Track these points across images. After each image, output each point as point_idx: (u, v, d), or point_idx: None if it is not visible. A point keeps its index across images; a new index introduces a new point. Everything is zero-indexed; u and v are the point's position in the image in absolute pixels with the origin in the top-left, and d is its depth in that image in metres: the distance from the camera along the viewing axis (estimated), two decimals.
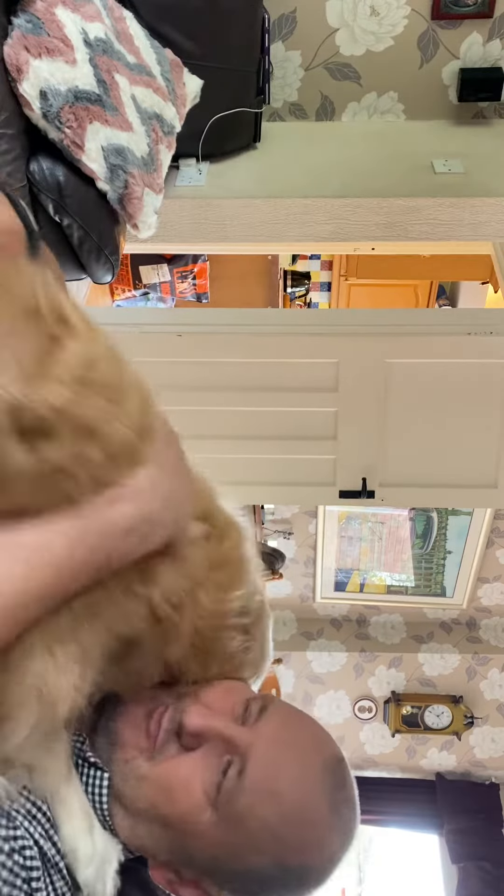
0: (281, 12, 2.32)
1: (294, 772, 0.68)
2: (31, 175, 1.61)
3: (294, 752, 0.70)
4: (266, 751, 0.68)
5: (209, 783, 0.67)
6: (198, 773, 0.68)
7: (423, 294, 4.42)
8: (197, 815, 0.67)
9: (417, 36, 2.36)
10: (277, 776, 0.68)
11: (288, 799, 0.67)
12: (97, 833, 0.68)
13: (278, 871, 0.67)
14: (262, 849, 0.66)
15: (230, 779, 0.67)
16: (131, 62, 1.73)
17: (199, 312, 3.09)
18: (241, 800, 0.66)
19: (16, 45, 1.49)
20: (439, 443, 2.74)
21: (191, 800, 0.67)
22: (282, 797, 0.67)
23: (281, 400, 2.67)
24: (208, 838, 0.67)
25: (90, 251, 1.73)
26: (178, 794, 0.68)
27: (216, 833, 0.67)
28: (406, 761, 4.37)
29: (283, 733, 0.71)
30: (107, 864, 0.67)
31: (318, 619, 4.33)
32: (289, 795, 0.67)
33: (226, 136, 2.30)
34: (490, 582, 4.10)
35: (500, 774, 4.32)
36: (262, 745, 0.69)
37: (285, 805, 0.67)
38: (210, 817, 0.67)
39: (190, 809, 0.67)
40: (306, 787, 0.68)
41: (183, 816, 0.67)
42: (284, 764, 0.68)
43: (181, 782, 0.68)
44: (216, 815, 0.66)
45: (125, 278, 3.69)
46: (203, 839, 0.67)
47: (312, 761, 0.70)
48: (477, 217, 2.25)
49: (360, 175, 2.31)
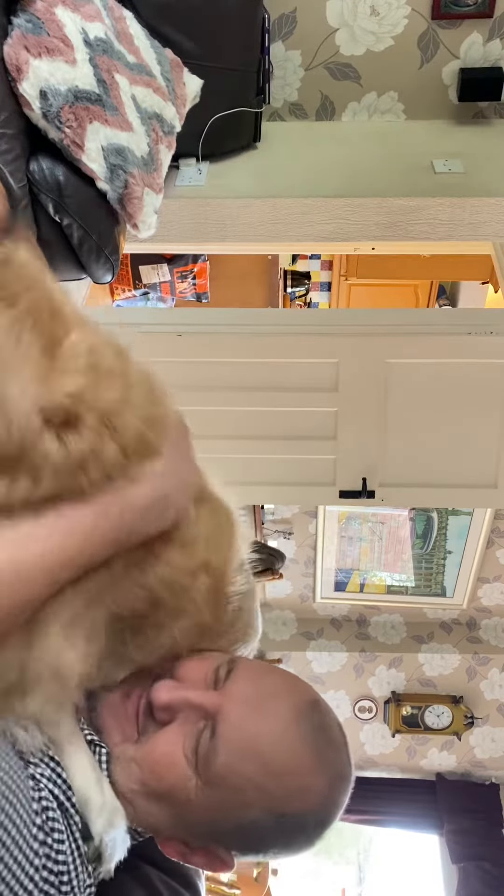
0: (281, 12, 2.32)
1: (266, 724, 0.70)
2: (31, 175, 1.61)
3: (264, 705, 0.71)
4: (236, 709, 0.70)
5: (189, 750, 0.69)
6: (177, 744, 0.70)
7: (423, 294, 4.42)
8: (184, 783, 0.69)
9: (417, 36, 2.36)
10: (250, 731, 0.69)
11: (264, 751, 0.69)
12: (105, 786, 0.70)
13: (273, 822, 0.69)
14: (251, 804, 0.68)
15: (204, 742, 0.69)
16: (131, 62, 1.73)
17: (199, 312, 3.09)
18: (217, 760, 0.68)
19: (16, 44, 1.49)
20: (439, 443, 2.74)
21: (175, 771, 0.69)
22: (258, 750, 0.68)
23: (281, 400, 2.67)
24: (199, 803, 0.69)
25: (90, 251, 1.72)
26: (163, 767, 0.70)
27: (205, 797, 0.69)
28: (406, 761, 4.37)
29: (252, 689, 0.73)
30: (116, 815, 0.69)
31: (318, 619, 4.32)
32: (265, 748, 0.69)
33: (226, 136, 2.30)
34: (490, 582, 4.10)
35: (500, 774, 4.32)
36: (232, 705, 0.70)
37: (263, 758, 0.68)
38: (196, 783, 0.69)
39: (177, 780, 0.69)
40: (281, 736, 0.69)
41: (172, 788, 0.69)
42: (255, 718, 0.70)
43: (163, 756, 0.70)
44: (200, 779, 0.68)
45: (125, 278, 3.69)
46: (195, 805, 0.69)
47: (284, 710, 0.71)
48: (477, 217, 2.25)
49: (360, 175, 2.31)
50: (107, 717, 0.74)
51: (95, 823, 0.67)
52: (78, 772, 0.69)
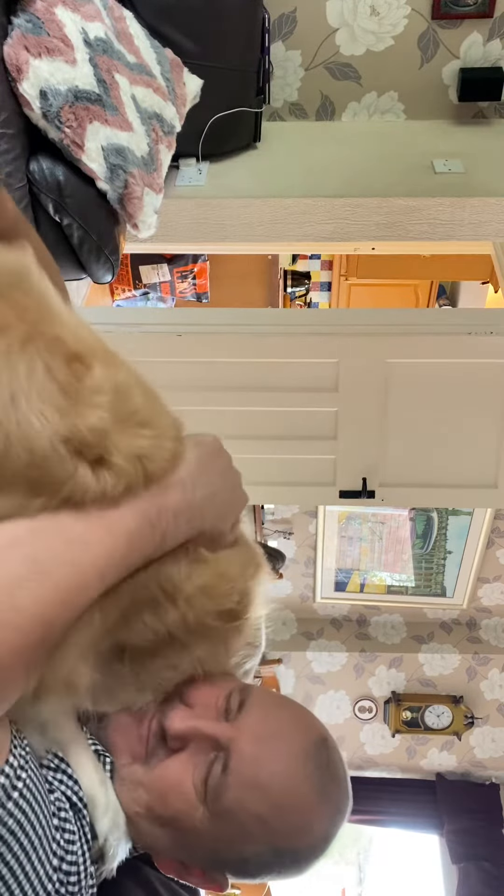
0: (281, 12, 2.32)
1: (276, 762, 0.70)
2: (31, 175, 1.61)
3: (275, 742, 0.72)
4: (248, 744, 0.70)
5: (198, 781, 0.69)
6: (187, 773, 0.70)
7: (423, 294, 4.42)
8: (190, 813, 0.69)
9: (418, 36, 2.36)
10: (260, 768, 0.69)
11: (273, 789, 0.69)
12: (109, 786, 0.70)
13: (273, 856, 0.70)
14: (254, 838, 0.69)
15: (215, 775, 0.69)
16: (131, 62, 1.73)
17: (199, 312, 3.09)
18: (228, 795, 0.68)
19: (16, 44, 1.49)
20: (439, 443, 2.74)
21: (183, 799, 0.69)
22: (267, 788, 0.69)
23: (281, 400, 2.67)
24: (204, 833, 0.69)
25: (90, 251, 1.72)
26: (171, 795, 0.70)
27: (210, 828, 0.69)
28: (406, 761, 4.36)
29: (264, 724, 0.73)
30: (119, 816, 0.70)
31: (318, 619, 4.32)
32: (273, 786, 0.69)
33: (226, 136, 2.30)
34: (490, 582, 4.10)
35: (500, 774, 4.32)
36: (244, 739, 0.71)
37: (271, 795, 0.69)
38: (202, 814, 0.69)
39: (183, 809, 0.69)
40: (290, 775, 0.70)
41: (177, 816, 0.70)
42: (267, 755, 0.70)
43: (172, 784, 0.70)
44: (207, 811, 0.69)
45: (125, 278, 3.69)
46: (199, 834, 0.70)
47: (295, 749, 0.72)
48: (477, 217, 2.25)
49: (360, 175, 2.31)
50: (116, 736, 0.74)
51: (101, 822, 0.68)
52: (84, 772, 0.69)
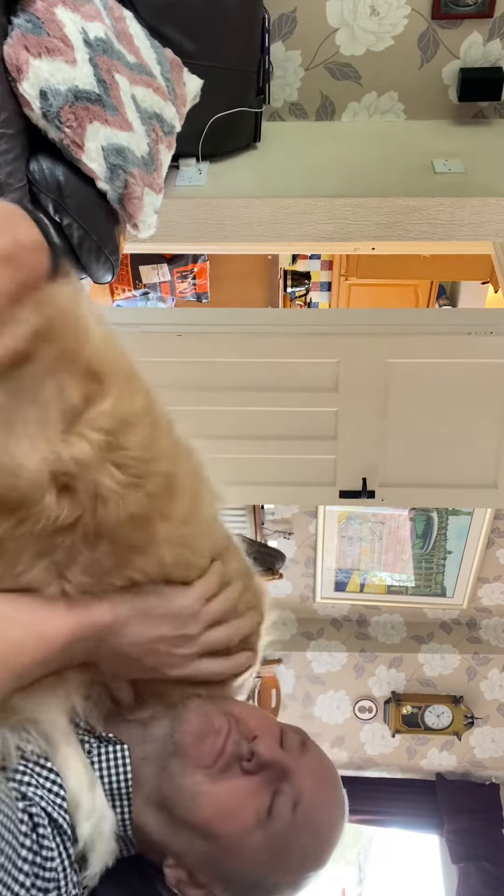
0: (281, 12, 2.32)
1: (330, 808, 0.77)
2: (31, 175, 1.61)
3: (331, 789, 0.78)
4: (313, 786, 0.75)
5: (262, 808, 0.72)
6: (255, 797, 0.72)
7: (423, 294, 4.41)
8: (246, 836, 0.71)
9: (417, 36, 2.36)
10: (320, 812, 0.75)
11: (321, 832, 0.75)
12: (97, 792, 0.70)
13: (287, 887, 0.74)
14: (289, 870, 0.73)
15: (285, 809, 0.72)
16: (131, 62, 1.73)
17: (199, 312, 3.09)
18: (291, 830, 0.72)
19: (16, 44, 1.49)
20: (439, 443, 2.74)
21: (244, 822, 0.71)
22: (318, 830, 0.75)
23: (281, 400, 2.67)
24: (248, 857, 0.72)
25: (90, 251, 1.72)
26: (234, 814, 0.72)
27: (257, 855, 0.72)
28: (406, 761, 4.36)
29: (322, 769, 0.78)
30: (104, 822, 0.69)
31: (318, 619, 4.32)
32: (322, 829, 0.75)
33: (226, 136, 2.30)
34: (490, 582, 4.10)
35: (500, 774, 4.32)
36: (310, 780, 0.75)
37: (319, 837, 0.75)
38: (257, 840, 0.71)
39: (241, 830, 0.71)
40: (335, 822, 0.77)
41: (232, 835, 0.71)
42: (326, 801, 0.76)
43: (238, 804, 0.72)
44: (263, 838, 0.71)
45: (125, 278, 3.69)
46: (243, 858, 0.72)
47: (340, 798, 0.78)
48: (477, 217, 2.25)
49: (360, 175, 2.30)
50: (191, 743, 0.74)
51: (82, 826, 0.67)
52: (71, 774, 0.68)
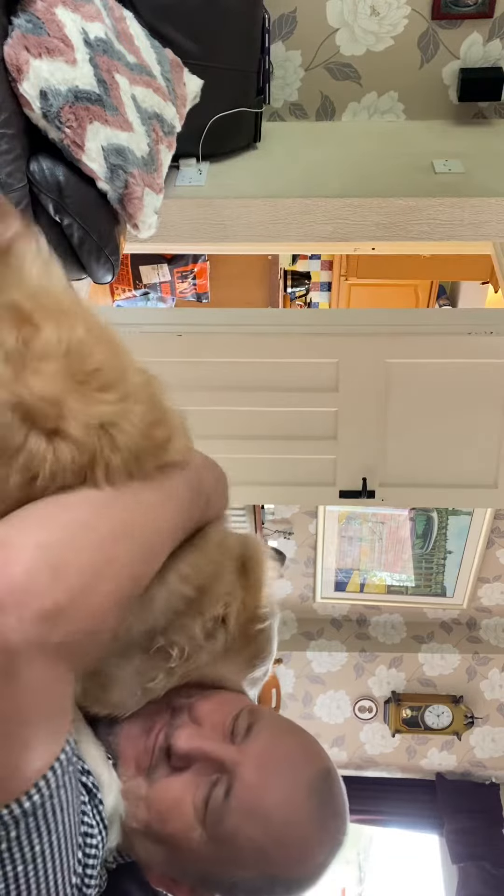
0: (281, 12, 2.32)
1: (280, 793, 0.69)
2: (32, 175, 1.61)
3: (280, 772, 0.71)
4: (253, 771, 0.70)
5: (199, 801, 0.69)
6: (188, 792, 0.70)
7: (423, 294, 4.41)
8: (187, 833, 0.69)
9: (418, 36, 2.36)
10: (264, 797, 0.69)
11: (274, 819, 0.68)
12: (108, 764, 0.70)
13: (265, 884, 0.70)
14: (249, 864, 0.69)
15: (217, 799, 0.68)
16: (131, 62, 1.73)
17: (199, 312, 3.09)
18: (228, 820, 0.68)
19: (16, 44, 1.49)
20: (439, 443, 2.74)
21: (182, 819, 0.69)
22: (268, 817, 0.68)
23: (281, 400, 2.67)
24: (199, 854, 0.69)
25: (90, 251, 1.72)
26: (171, 813, 0.70)
27: (206, 850, 0.69)
28: (406, 761, 4.36)
29: (271, 752, 0.72)
30: (120, 794, 0.70)
31: (318, 619, 4.32)
32: (275, 816, 0.69)
33: (226, 136, 2.30)
34: (490, 582, 4.10)
35: (500, 774, 4.32)
36: (249, 765, 0.70)
37: (272, 825, 0.68)
38: (200, 835, 0.68)
39: (181, 828, 0.69)
40: (293, 806, 0.69)
41: (174, 834, 0.69)
42: (271, 784, 0.70)
43: (173, 802, 0.70)
44: (205, 833, 0.68)
45: (125, 278, 3.69)
46: (194, 855, 0.69)
47: (299, 780, 0.71)
48: (477, 217, 2.25)
49: (360, 175, 2.31)
50: (125, 746, 0.73)
51: (107, 799, 0.67)
52: (87, 752, 0.69)
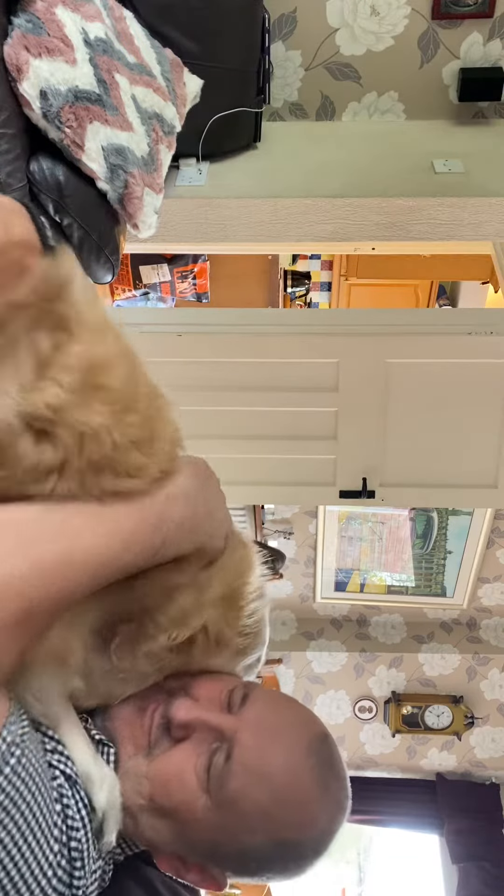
0: (281, 12, 2.32)
1: (280, 753, 0.71)
2: (31, 175, 1.61)
3: (279, 735, 0.73)
4: (251, 735, 0.71)
5: (201, 769, 0.70)
6: (189, 761, 0.71)
7: (423, 294, 4.41)
8: (192, 802, 0.70)
9: (418, 36, 2.36)
10: (264, 759, 0.70)
11: (276, 780, 0.70)
12: (100, 760, 0.71)
13: (274, 849, 0.70)
14: (256, 829, 0.69)
15: (218, 764, 0.69)
16: (131, 62, 1.73)
17: (199, 312, 3.09)
18: (231, 784, 0.69)
19: (16, 44, 1.49)
20: (439, 443, 2.74)
21: (185, 789, 0.70)
22: (270, 778, 0.70)
23: (281, 400, 2.67)
24: (205, 823, 0.70)
25: (90, 251, 1.72)
26: (173, 784, 0.70)
27: (212, 817, 0.69)
28: (406, 761, 4.36)
29: (267, 717, 0.74)
30: (115, 789, 0.70)
31: (318, 619, 4.32)
32: (277, 776, 0.70)
33: (226, 136, 2.30)
34: (490, 582, 4.10)
35: (500, 774, 4.32)
36: (248, 730, 0.71)
37: (274, 786, 0.69)
38: (204, 803, 0.69)
39: (185, 798, 0.70)
40: (293, 767, 0.71)
41: (179, 805, 0.70)
42: (270, 746, 0.71)
43: (175, 773, 0.71)
44: (210, 800, 0.69)
45: (125, 278, 3.69)
46: (200, 825, 0.70)
47: (297, 741, 0.73)
48: (477, 217, 2.25)
49: (361, 175, 2.30)
50: (121, 728, 0.75)
51: (98, 797, 0.68)
52: (76, 749, 0.69)
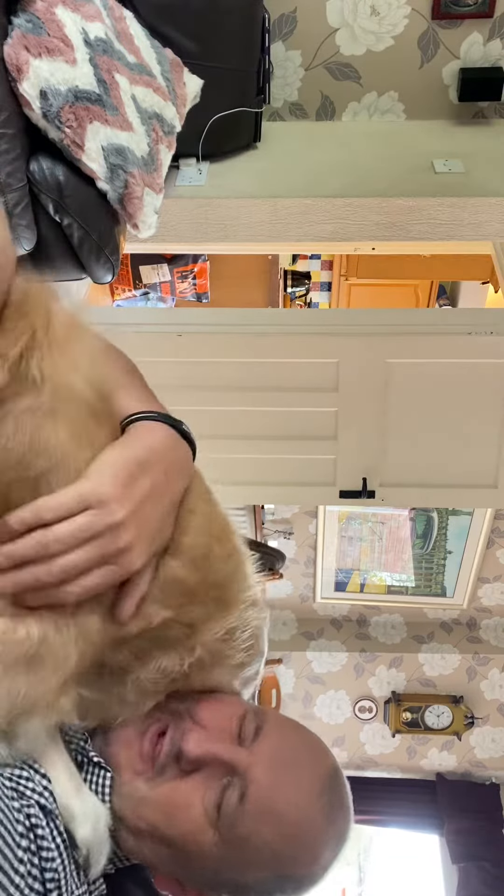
0: (281, 12, 2.32)
1: (294, 793, 0.70)
2: (31, 175, 1.61)
3: (293, 772, 0.71)
4: (266, 773, 0.69)
5: (210, 805, 0.68)
6: (198, 795, 0.69)
7: (423, 294, 4.41)
8: (199, 835, 0.68)
9: (418, 36, 2.36)
10: (278, 798, 0.69)
11: (288, 819, 0.69)
12: (85, 793, 0.69)
13: (276, 882, 0.70)
14: (262, 865, 0.69)
15: (231, 802, 0.68)
16: (131, 62, 1.73)
17: (199, 312, 3.09)
18: (243, 822, 0.68)
19: (16, 44, 1.49)
20: (439, 443, 2.74)
21: (192, 821, 0.68)
22: (282, 818, 0.68)
23: (281, 400, 2.67)
24: (210, 856, 0.68)
25: (90, 251, 1.72)
26: (180, 815, 0.69)
27: (218, 852, 0.68)
28: (406, 761, 4.36)
29: (281, 752, 0.72)
30: (100, 822, 0.68)
31: (318, 619, 4.32)
32: (289, 816, 0.69)
33: (226, 136, 2.30)
34: (490, 582, 4.10)
35: (500, 774, 4.32)
36: (262, 767, 0.69)
37: (285, 825, 0.68)
38: (211, 838, 0.68)
39: (192, 830, 0.68)
40: (305, 806, 0.70)
41: (185, 836, 0.69)
42: (284, 785, 0.70)
43: (182, 805, 0.69)
44: (218, 836, 0.68)
45: (125, 278, 3.69)
46: (205, 857, 0.69)
47: (311, 780, 0.71)
48: (477, 217, 2.25)
49: (361, 175, 2.30)
50: (120, 751, 0.72)
51: (80, 831, 0.66)
52: (58, 783, 0.68)
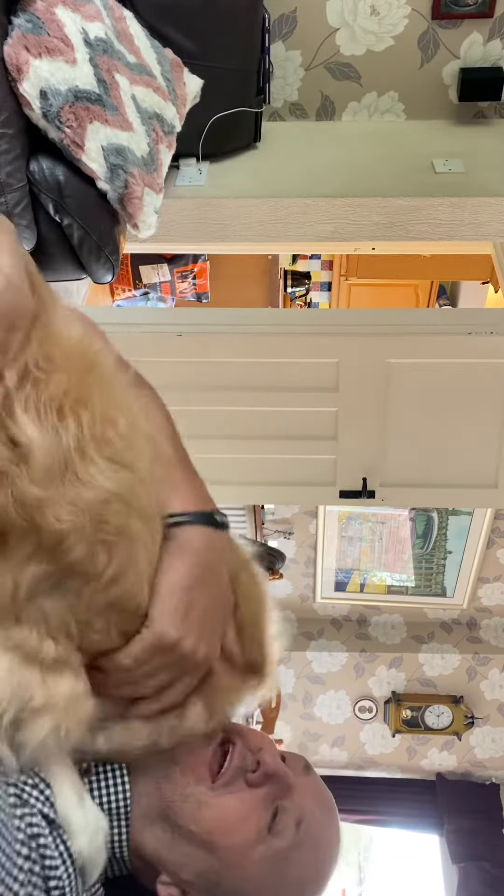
0: (281, 12, 2.32)
1: (335, 834, 0.77)
2: (31, 175, 1.61)
3: (335, 815, 0.78)
4: (316, 806, 0.75)
5: (263, 823, 0.71)
6: (256, 810, 0.72)
7: (423, 294, 4.42)
8: (247, 850, 0.70)
9: (418, 36, 2.36)
10: (322, 834, 0.75)
11: (325, 856, 0.75)
12: (87, 804, 0.69)
13: None
14: (286, 889, 0.72)
15: (288, 826, 0.72)
16: (131, 62, 1.73)
17: (199, 312, 3.09)
18: (292, 848, 0.71)
19: (16, 44, 1.49)
20: (439, 443, 2.74)
21: (246, 835, 0.71)
22: (322, 853, 0.74)
23: (281, 400, 2.67)
24: (247, 873, 0.71)
25: (90, 251, 1.72)
26: (237, 826, 0.71)
27: (256, 870, 0.71)
28: (406, 761, 4.36)
29: (324, 793, 0.78)
30: (98, 834, 0.69)
31: (318, 619, 4.32)
32: (328, 853, 0.75)
33: (226, 136, 2.30)
34: (490, 582, 4.10)
35: (500, 774, 4.32)
36: (312, 800, 0.75)
37: (321, 861, 0.74)
38: (257, 856, 0.70)
39: (243, 843, 0.71)
40: (336, 848, 0.77)
41: (232, 849, 0.70)
42: (329, 823, 0.76)
43: (242, 817, 0.71)
44: (264, 854, 0.71)
45: (125, 278, 3.69)
46: (241, 873, 0.71)
47: (338, 825, 0.79)
48: (477, 217, 2.25)
49: (360, 175, 2.31)
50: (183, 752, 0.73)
51: (77, 841, 0.67)
52: (60, 792, 0.68)
